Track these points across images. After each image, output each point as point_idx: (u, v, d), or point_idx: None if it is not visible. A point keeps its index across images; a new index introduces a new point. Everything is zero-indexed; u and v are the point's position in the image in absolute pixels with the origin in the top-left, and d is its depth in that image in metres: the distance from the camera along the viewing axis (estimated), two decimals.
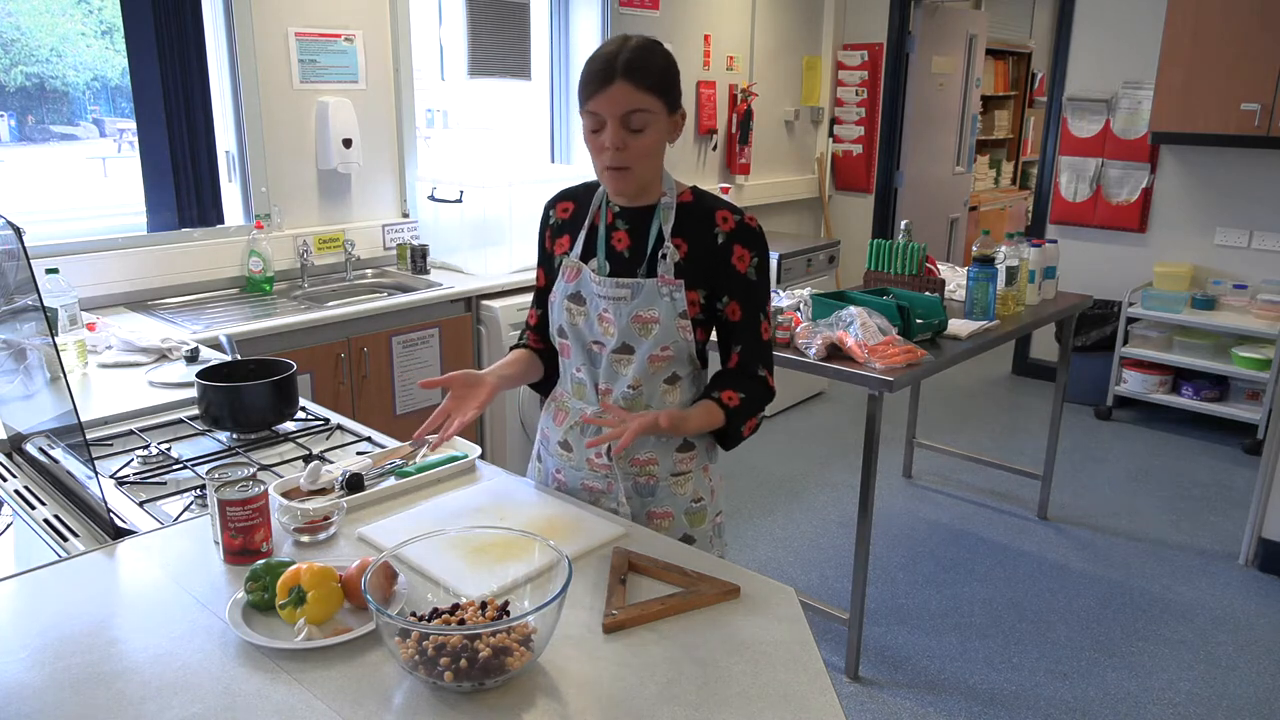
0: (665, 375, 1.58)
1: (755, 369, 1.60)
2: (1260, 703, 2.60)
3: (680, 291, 1.53)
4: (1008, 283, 3.16)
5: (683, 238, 1.54)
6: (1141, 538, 3.56)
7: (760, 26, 5.31)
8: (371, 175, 3.66)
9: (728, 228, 1.54)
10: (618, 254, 1.57)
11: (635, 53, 1.43)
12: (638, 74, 1.42)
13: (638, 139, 1.45)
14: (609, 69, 1.43)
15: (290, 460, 1.74)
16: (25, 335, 1.55)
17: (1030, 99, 8.31)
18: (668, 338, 1.54)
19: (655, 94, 1.44)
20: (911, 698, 2.61)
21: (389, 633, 1.04)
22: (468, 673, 1.02)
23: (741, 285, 1.56)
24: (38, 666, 1.09)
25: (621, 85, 1.42)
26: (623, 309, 1.54)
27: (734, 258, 1.54)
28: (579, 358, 1.62)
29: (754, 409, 1.60)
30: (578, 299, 1.59)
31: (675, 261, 1.53)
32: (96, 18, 3.16)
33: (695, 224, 1.55)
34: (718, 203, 1.57)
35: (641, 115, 1.44)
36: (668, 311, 1.53)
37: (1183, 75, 4.30)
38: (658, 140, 1.48)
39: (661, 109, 1.46)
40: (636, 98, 1.43)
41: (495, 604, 1.12)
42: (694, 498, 1.65)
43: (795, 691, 1.06)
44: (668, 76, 1.47)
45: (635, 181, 1.50)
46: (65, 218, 3.06)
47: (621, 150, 1.45)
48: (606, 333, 1.57)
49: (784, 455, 4.32)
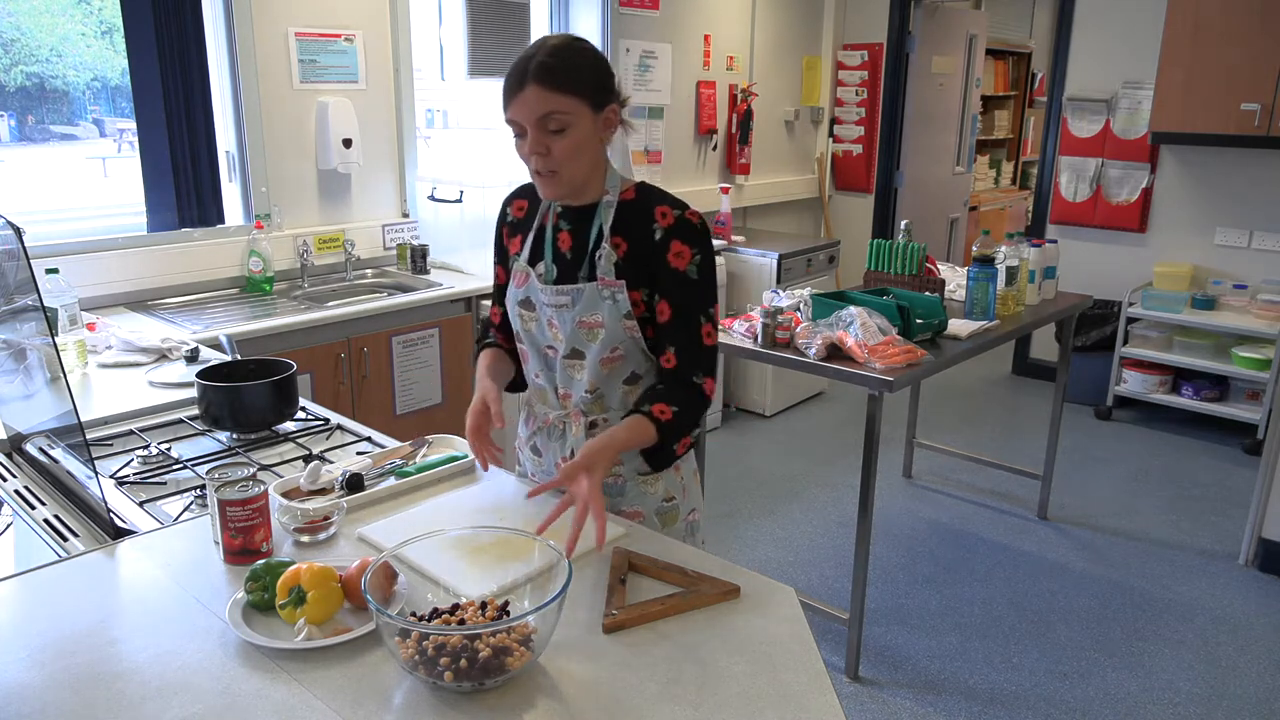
0: (623, 375, 1.55)
1: (690, 375, 1.51)
2: (1260, 703, 2.60)
3: (623, 292, 1.49)
4: (1008, 283, 3.16)
5: (622, 236, 1.50)
6: (1141, 538, 3.56)
7: (760, 26, 5.31)
8: (371, 175, 3.66)
9: (666, 223, 1.49)
10: (562, 255, 1.55)
11: (549, 55, 1.40)
12: (550, 76, 1.39)
13: (559, 141, 1.42)
14: (521, 74, 1.40)
15: (290, 460, 1.74)
16: (25, 335, 1.55)
17: (1030, 99, 8.31)
18: (615, 340, 1.51)
19: (570, 94, 1.40)
20: (911, 698, 2.61)
21: (389, 633, 1.04)
22: (467, 673, 1.01)
23: (676, 283, 1.49)
24: (38, 666, 1.09)
25: (533, 89, 1.39)
26: (566, 315, 1.52)
27: (670, 254, 1.48)
28: (536, 363, 1.62)
29: (688, 423, 1.52)
30: (528, 304, 1.57)
31: (614, 261, 1.49)
32: (96, 18, 3.16)
33: (635, 221, 1.50)
34: (660, 198, 1.52)
35: (559, 117, 1.40)
36: (611, 314, 1.50)
37: (1183, 75, 4.30)
38: (580, 140, 1.43)
39: (581, 108, 1.42)
40: (550, 100, 1.39)
41: (495, 604, 1.12)
42: (664, 497, 1.62)
43: (795, 691, 1.06)
44: (584, 74, 1.42)
45: (565, 184, 1.47)
46: (65, 218, 3.06)
47: (544, 155, 1.43)
48: (556, 338, 1.55)
49: (784, 455, 4.32)
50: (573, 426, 1.59)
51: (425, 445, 1.75)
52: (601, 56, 1.47)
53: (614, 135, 1.49)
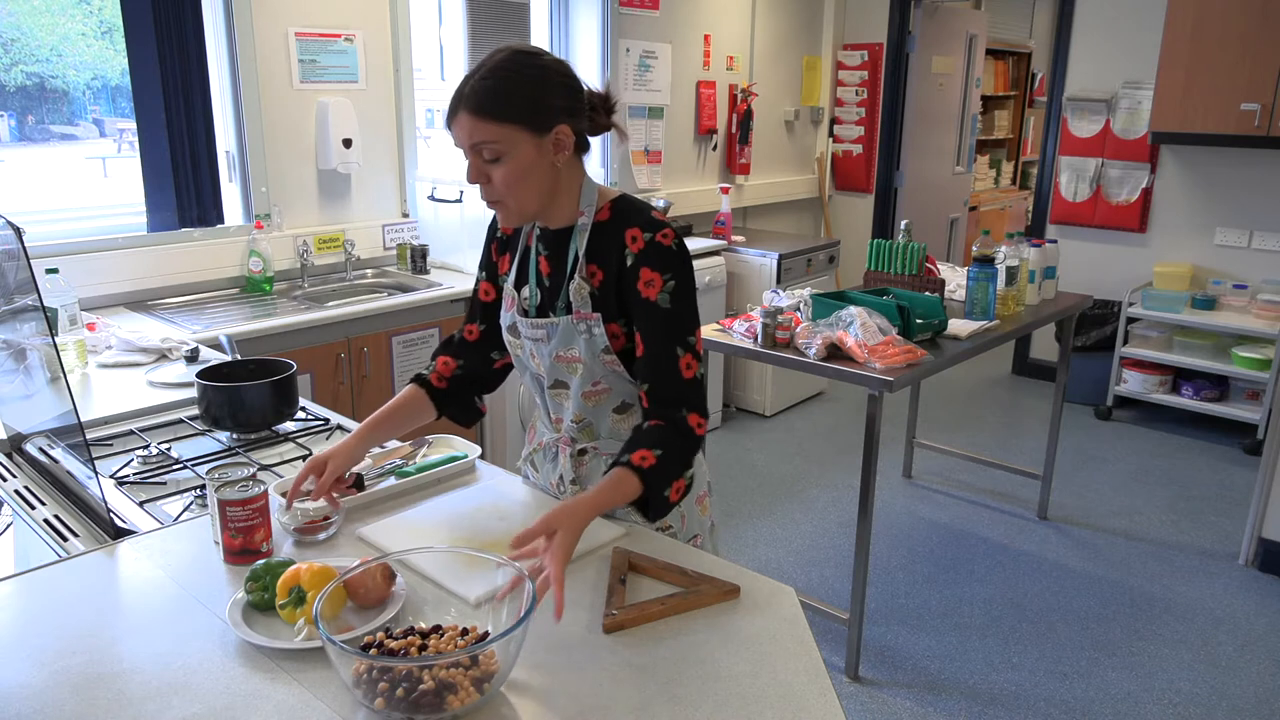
0: (612, 405, 1.47)
1: (672, 413, 1.37)
2: (1260, 703, 2.60)
3: (599, 326, 1.39)
4: (1008, 283, 3.16)
5: (598, 263, 1.39)
6: (1141, 538, 3.56)
7: (760, 26, 5.31)
8: (371, 175, 3.66)
9: (636, 248, 1.36)
10: (543, 280, 1.46)
11: (482, 79, 1.29)
12: (481, 102, 1.28)
13: (498, 169, 1.31)
14: (457, 97, 1.31)
15: (290, 460, 1.74)
16: (25, 335, 1.55)
17: (1030, 99, 8.31)
18: (594, 374, 1.43)
19: (503, 121, 1.28)
20: (911, 698, 2.61)
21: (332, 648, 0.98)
22: (399, 703, 0.96)
23: (648, 314, 1.36)
24: (38, 666, 1.09)
25: (463, 116, 1.30)
26: (543, 349, 1.46)
27: (640, 283, 1.35)
28: (532, 386, 1.58)
29: (676, 465, 1.36)
30: (514, 331, 1.51)
31: (589, 293, 1.39)
32: (96, 18, 3.16)
33: (609, 245, 1.38)
34: (633, 219, 1.38)
35: (491, 146, 1.30)
36: (587, 349, 1.41)
37: (1183, 75, 4.30)
38: (521, 168, 1.31)
39: (517, 134, 1.30)
40: (480, 128, 1.29)
41: (476, 632, 1.07)
42: (659, 526, 1.52)
43: (795, 691, 1.06)
44: (520, 98, 1.29)
45: (514, 213, 1.37)
46: (65, 218, 3.06)
47: (486, 184, 1.34)
48: (539, 369, 1.51)
49: (784, 455, 4.32)
50: (562, 454, 1.55)
51: (425, 445, 1.75)
52: (549, 73, 1.32)
53: (566, 157, 1.36)
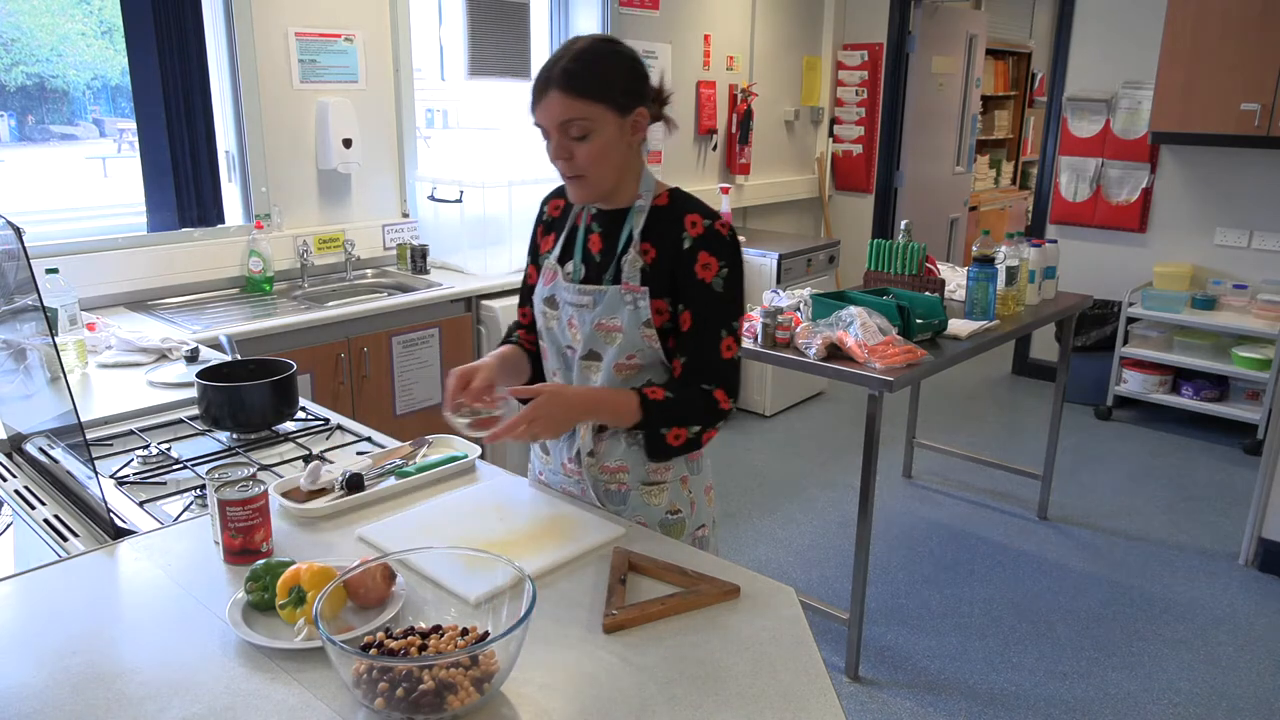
0: (638, 382, 1.52)
1: (699, 382, 1.48)
2: (1260, 703, 2.60)
3: (645, 299, 1.47)
4: (1008, 283, 3.16)
5: (651, 242, 1.49)
6: (1141, 538, 3.56)
7: (760, 26, 5.31)
8: (371, 175, 3.66)
9: (695, 232, 1.47)
10: (591, 257, 1.55)
11: (574, 60, 1.39)
12: (572, 82, 1.38)
13: (582, 146, 1.41)
14: (545, 79, 1.40)
15: (290, 460, 1.74)
16: (25, 335, 1.55)
17: (1030, 99, 8.31)
18: (632, 346, 1.50)
19: (593, 100, 1.39)
20: (911, 698, 2.61)
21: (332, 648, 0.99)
22: (399, 703, 0.96)
23: (700, 294, 1.47)
24: (38, 666, 1.09)
25: (555, 95, 1.39)
26: (586, 316, 1.52)
27: (698, 264, 1.46)
28: (554, 361, 1.61)
29: (685, 414, 1.47)
30: (551, 303, 1.57)
31: (640, 267, 1.48)
32: (96, 18, 3.16)
33: (665, 228, 1.49)
34: (692, 206, 1.51)
35: (580, 123, 1.39)
36: (630, 320, 1.48)
37: (1183, 75, 4.30)
38: (604, 146, 1.42)
39: (604, 114, 1.40)
40: (572, 106, 1.38)
41: (476, 632, 1.07)
42: (669, 509, 1.58)
43: (795, 691, 1.06)
44: (609, 79, 1.40)
45: (592, 188, 1.47)
46: (65, 218, 3.06)
47: (568, 160, 1.43)
48: (575, 338, 1.55)
49: (784, 455, 4.32)
50: (581, 427, 1.57)
51: (425, 445, 1.75)
52: (632, 59, 1.45)
53: (641, 138, 1.48)
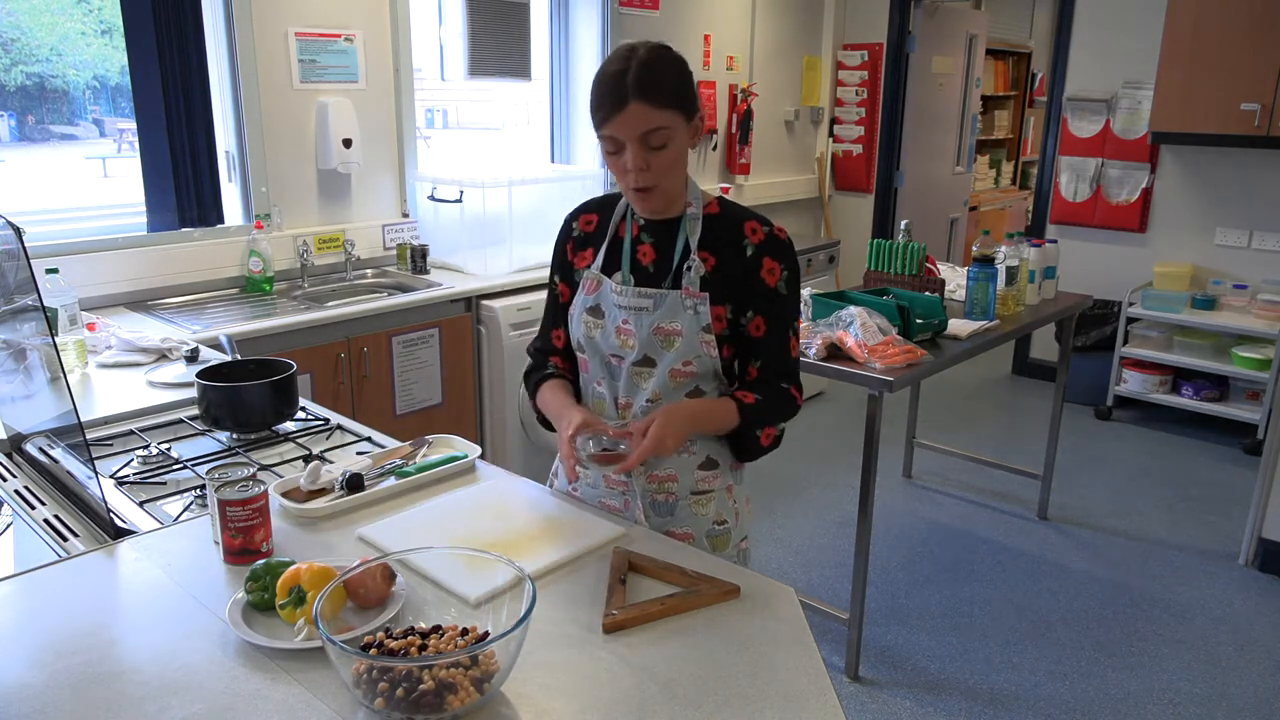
0: (688, 390, 1.53)
1: (778, 381, 1.54)
2: (1260, 703, 2.60)
3: (705, 305, 1.48)
4: (1008, 283, 3.16)
5: (710, 251, 1.50)
6: (1141, 538, 3.56)
7: (760, 26, 5.31)
8: (371, 175, 3.66)
9: (757, 240, 1.49)
10: (643, 268, 1.53)
11: (646, 69, 1.37)
12: (652, 92, 1.37)
13: (659, 156, 1.41)
14: (620, 90, 1.37)
15: (290, 460, 1.74)
16: (25, 335, 1.55)
17: (1030, 99, 8.31)
18: (690, 352, 1.49)
19: (672, 108, 1.39)
20: (911, 698, 2.61)
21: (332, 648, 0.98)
22: (400, 703, 0.95)
23: (769, 299, 1.51)
24: (38, 666, 1.09)
25: (637, 106, 1.37)
26: (644, 320, 1.50)
27: (764, 270, 1.49)
28: (598, 371, 1.59)
29: (772, 414, 1.54)
30: (596, 312, 1.55)
31: (702, 275, 1.49)
32: (96, 17, 3.16)
33: (723, 236, 1.50)
34: (746, 213, 1.53)
35: (661, 133, 1.39)
36: (690, 325, 1.48)
37: (1183, 75, 4.30)
38: (680, 153, 1.44)
39: (680, 121, 1.41)
40: (654, 116, 1.38)
41: (476, 632, 1.07)
42: (716, 519, 1.59)
43: (795, 691, 1.06)
44: (682, 85, 1.42)
45: (663, 198, 1.48)
46: (65, 218, 3.06)
47: (645, 170, 1.42)
48: (625, 345, 1.53)
49: (784, 455, 4.32)
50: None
51: (425, 445, 1.75)
52: (685, 64, 1.45)
53: (699, 141, 1.53)
